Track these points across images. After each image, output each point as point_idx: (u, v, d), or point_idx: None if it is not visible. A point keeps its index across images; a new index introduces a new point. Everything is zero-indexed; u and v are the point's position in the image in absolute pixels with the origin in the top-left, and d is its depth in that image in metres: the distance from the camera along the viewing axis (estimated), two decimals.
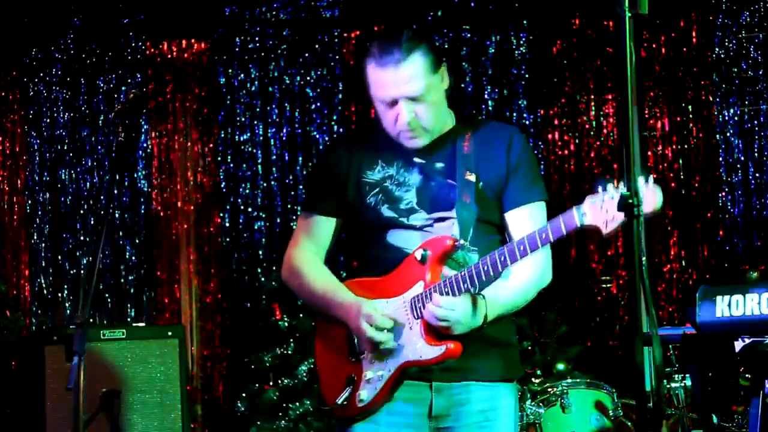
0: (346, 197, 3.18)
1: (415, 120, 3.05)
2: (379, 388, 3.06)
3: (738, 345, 4.06)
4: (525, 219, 3.10)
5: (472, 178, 3.09)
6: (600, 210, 2.80)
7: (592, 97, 7.37)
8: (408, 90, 3.02)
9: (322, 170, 3.26)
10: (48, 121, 7.32)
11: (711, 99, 7.16)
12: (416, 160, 3.13)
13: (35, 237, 7.28)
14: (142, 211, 7.37)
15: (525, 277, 3.14)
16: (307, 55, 7.39)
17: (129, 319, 7.20)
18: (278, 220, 7.37)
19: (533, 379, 6.16)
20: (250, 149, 7.43)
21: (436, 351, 2.99)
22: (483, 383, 3.11)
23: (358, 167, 3.17)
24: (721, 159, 7.11)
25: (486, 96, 7.41)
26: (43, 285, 7.25)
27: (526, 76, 7.39)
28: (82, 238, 7.29)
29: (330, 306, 3.15)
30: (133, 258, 7.33)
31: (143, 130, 7.37)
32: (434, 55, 3.07)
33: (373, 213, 3.13)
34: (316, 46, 7.41)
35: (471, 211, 3.07)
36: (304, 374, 6.58)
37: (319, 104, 7.45)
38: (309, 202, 3.28)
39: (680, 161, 7.24)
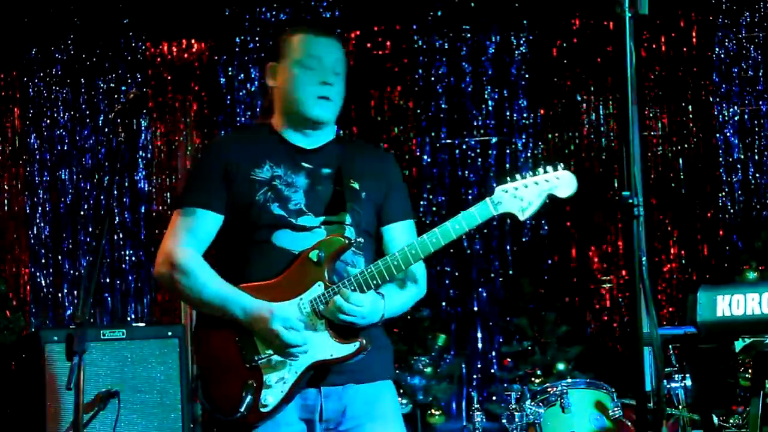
0: (234, 194, 3.13)
1: (336, 92, 3.17)
2: (285, 391, 3.03)
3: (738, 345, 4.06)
4: (402, 234, 3.20)
5: (356, 186, 3.15)
6: (515, 198, 2.91)
7: (592, 97, 7.38)
8: (338, 62, 3.19)
9: (211, 165, 3.18)
10: (48, 121, 7.32)
11: (711, 99, 7.16)
12: (304, 164, 3.17)
13: (35, 237, 7.28)
14: (142, 211, 7.37)
15: (411, 286, 3.20)
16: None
17: (129, 319, 7.20)
18: None
19: (533, 379, 6.17)
20: None
21: (349, 348, 3.02)
22: (369, 384, 3.14)
23: (246, 165, 3.14)
24: (721, 159, 7.11)
25: (486, 96, 7.41)
26: (43, 285, 7.25)
27: (526, 76, 7.39)
28: (82, 238, 7.29)
29: (228, 308, 3.06)
30: (133, 258, 7.33)
31: (143, 130, 7.37)
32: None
33: (263, 210, 3.10)
34: None
35: (360, 217, 3.14)
36: None
37: None
38: (193, 197, 3.16)
39: (680, 161, 7.24)
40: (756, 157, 7.06)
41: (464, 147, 7.46)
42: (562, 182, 2.89)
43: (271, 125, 3.23)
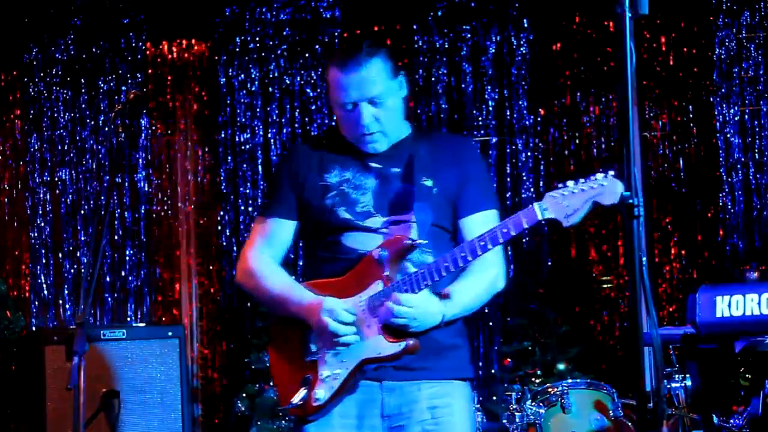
0: (304, 199, 3.25)
1: (375, 123, 3.17)
2: (336, 387, 3.10)
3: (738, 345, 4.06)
4: (479, 226, 3.16)
5: (428, 183, 3.18)
6: (561, 204, 2.89)
7: (592, 97, 7.37)
8: (368, 92, 3.14)
9: (282, 174, 3.32)
10: (48, 121, 7.32)
11: (711, 99, 7.16)
12: (372, 164, 3.23)
13: (35, 237, 7.28)
14: (143, 211, 7.37)
15: (482, 281, 3.20)
16: (307, 55, 7.40)
17: (129, 319, 7.20)
18: None
19: (533, 379, 6.17)
20: (250, 149, 7.43)
21: (395, 347, 3.05)
22: (433, 381, 3.17)
23: (316, 170, 3.25)
24: (721, 159, 7.10)
25: (486, 96, 7.41)
26: (43, 285, 7.25)
27: (526, 76, 7.39)
28: (82, 238, 7.29)
29: (288, 304, 3.19)
30: (133, 258, 7.33)
31: (143, 130, 7.37)
32: (393, 61, 3.21)
33: (330, 215, 3.19)
34: (316, 46, 7.41)
35: (427, 214, 3.15)
36: None
37: (319, 104, 7.45)
38: (268, 205, 3.35)
39: (680, 161, 7.24)
40: (756, 157, 7.05)
41: None
42: (607, 189, 2.83)
43: (342, 133, 3.28)
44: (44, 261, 7.27)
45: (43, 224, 7.29)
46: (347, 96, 3.15)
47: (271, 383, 5.06)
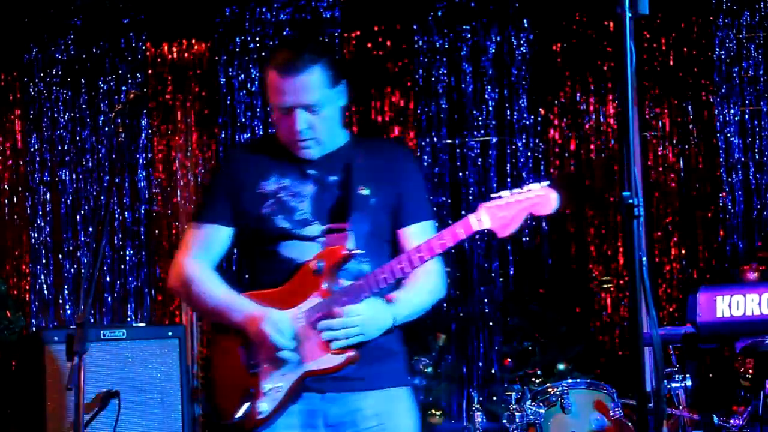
0: (241, 207, 3.21)
1: (309, 130, 3.14)
2: (278, 400, 3.08)
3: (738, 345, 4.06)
4: (417, 237, 3.17)
5: (365, 192, 3.15)
6: (497, 215, 2.93)
7: (592, 97, 7.37)
8: (304, 99, 3.11)
9: (218, 180, 3.28)
10: (48, 121, 7.32)
11: (711, 99, 7.16)
12: (310, 172, 3.20)
13: (35, 237, 7.28)
14: (142, 211, 7.37)
15: (425, 287, 3.20)
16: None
17: (129, 319, 7.20)
18: None
19: (533, 379, 6.17)
20: None
21: (337, 359, 3.04)
22: (377, 390, 3.16)
23: (253, 177, 3.21)
24: (721, 159, 7.10)
25: (486, 96, 7.41)
26: (43, 285, 7.25)
27: (526, 76, 7.39)
28: (82, 238, 7.29)
29: (228, 314, 3.14)
30: (133, 258, 7.33)
31: (143, 130, 7.37)
32: (334, 71, 3.17)
33: (268, 224, 3.16)
34: None
35: (364, 224, 3.13)
36: None
37: None
38: (203, 211, 3.28)
39: (680, 161, 7.24)
40: (756, 157, 7.05)
41: (464, 147, 7.46)
42: (542, 200, 2.91)
43: (279, 138, 3.26)
44: (44, 261, 7.27)
45: (43, 224, 7.29)
46: (283, 101, 3.12)
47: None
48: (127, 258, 7.31)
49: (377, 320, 3.07)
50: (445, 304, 7.33)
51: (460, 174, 7.44)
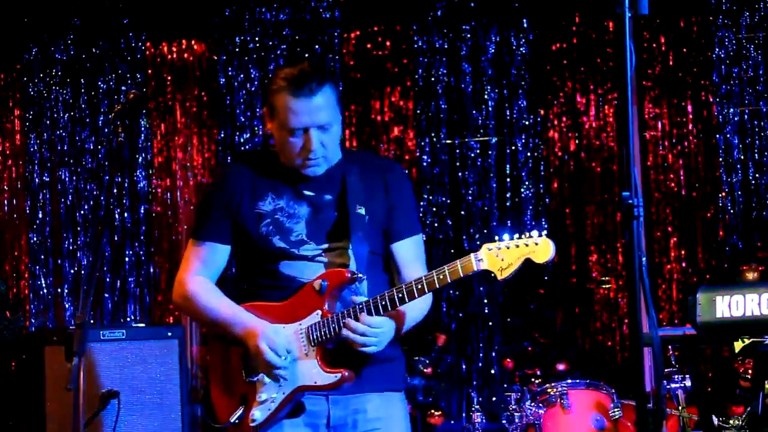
0: (239, 226, 3.27)
1: (321, 148, 3.19)
2: (272, 410, 3.17)
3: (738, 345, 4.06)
4: (408, 251, 3.32)
5: (361, 211, 3.24)
6: (496, 257, 3.05)
7: (592, 97, 7.37)
8: (319, 119, 3.16)
9: (215, 198, 3.32)
10: (48, 121, 7.32)
11: (711, 99, 7.16)
12: (306, 192, 3.26)
13: (35, 237, 7.28)
14: (142, 211, 7.37)
15: (420, 304, 3.27)
16: (307, 55, 7.40)
17: (129, 320, 7.20)
18: None
19: (533, 379, 6.16)
20: (249, 149, 7.44)
21: (330, 378, 3.14)
22: (377, 393, 3.26)
23: (250, 197, 3.27)
24: (721, 159, 7.11)
25: (486, 96, 7.41)
26: (43, 285, 7.25)
27: (526, 76, 7.39)
28: (82, 238, 7.29)
29: (231, 328, 3.22)
30: (133, 258, 7.33)
31: (143, 130, 7.37)
32: (337, 89, 3.26)
33: (265, 243, 3.23)
34: (316, 46, 7.41)
35: (364, 244, 3.22)
36: None
37: None
38: (202, 230, 3.33)
39: (680, 161, 7.24)
40: (756, 157, 7.05)
41: (464, 147, 7.45)
42: (540, 248, 3.05)
43: (275, 153, 3.29)
44: (44, 261, 7.27)
45: (43, 224, 7.29)
46: (298, 122, 3.15)
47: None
48: (127, 258, 7.31)
49: (390, 335, 3.17)
50: (444, 304, 7.33)
51: (460, 174, 7.44)
